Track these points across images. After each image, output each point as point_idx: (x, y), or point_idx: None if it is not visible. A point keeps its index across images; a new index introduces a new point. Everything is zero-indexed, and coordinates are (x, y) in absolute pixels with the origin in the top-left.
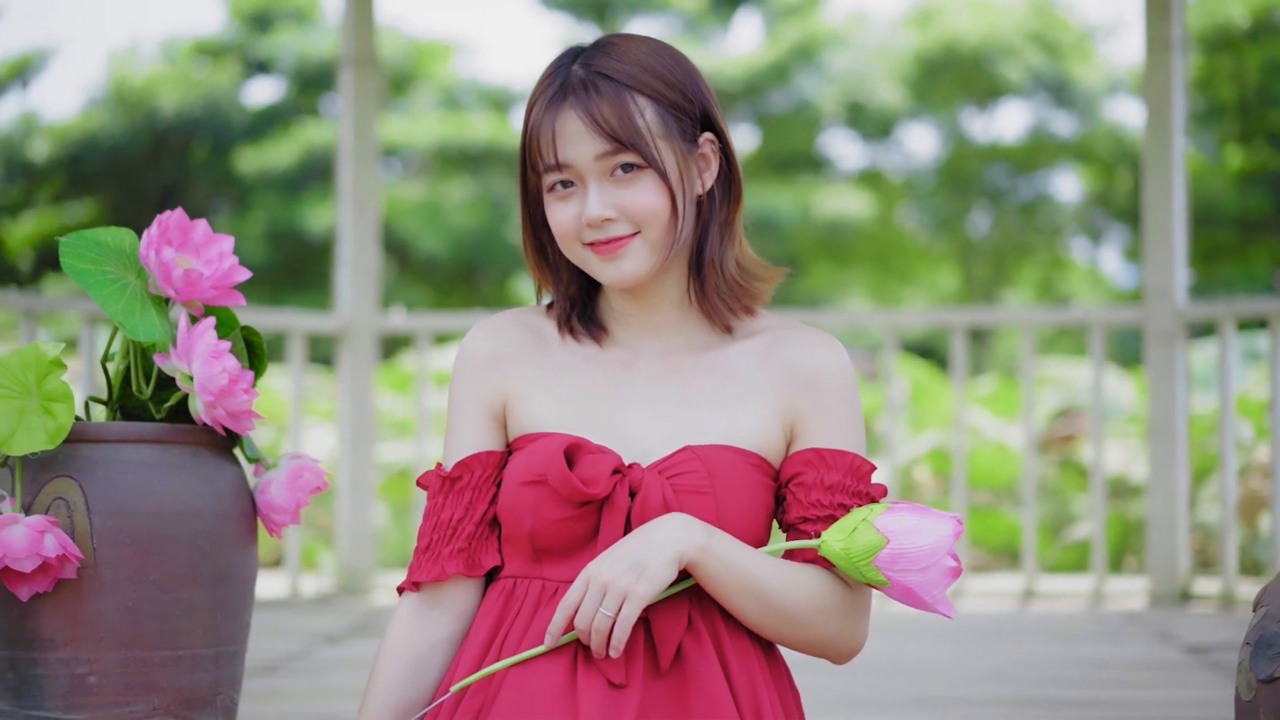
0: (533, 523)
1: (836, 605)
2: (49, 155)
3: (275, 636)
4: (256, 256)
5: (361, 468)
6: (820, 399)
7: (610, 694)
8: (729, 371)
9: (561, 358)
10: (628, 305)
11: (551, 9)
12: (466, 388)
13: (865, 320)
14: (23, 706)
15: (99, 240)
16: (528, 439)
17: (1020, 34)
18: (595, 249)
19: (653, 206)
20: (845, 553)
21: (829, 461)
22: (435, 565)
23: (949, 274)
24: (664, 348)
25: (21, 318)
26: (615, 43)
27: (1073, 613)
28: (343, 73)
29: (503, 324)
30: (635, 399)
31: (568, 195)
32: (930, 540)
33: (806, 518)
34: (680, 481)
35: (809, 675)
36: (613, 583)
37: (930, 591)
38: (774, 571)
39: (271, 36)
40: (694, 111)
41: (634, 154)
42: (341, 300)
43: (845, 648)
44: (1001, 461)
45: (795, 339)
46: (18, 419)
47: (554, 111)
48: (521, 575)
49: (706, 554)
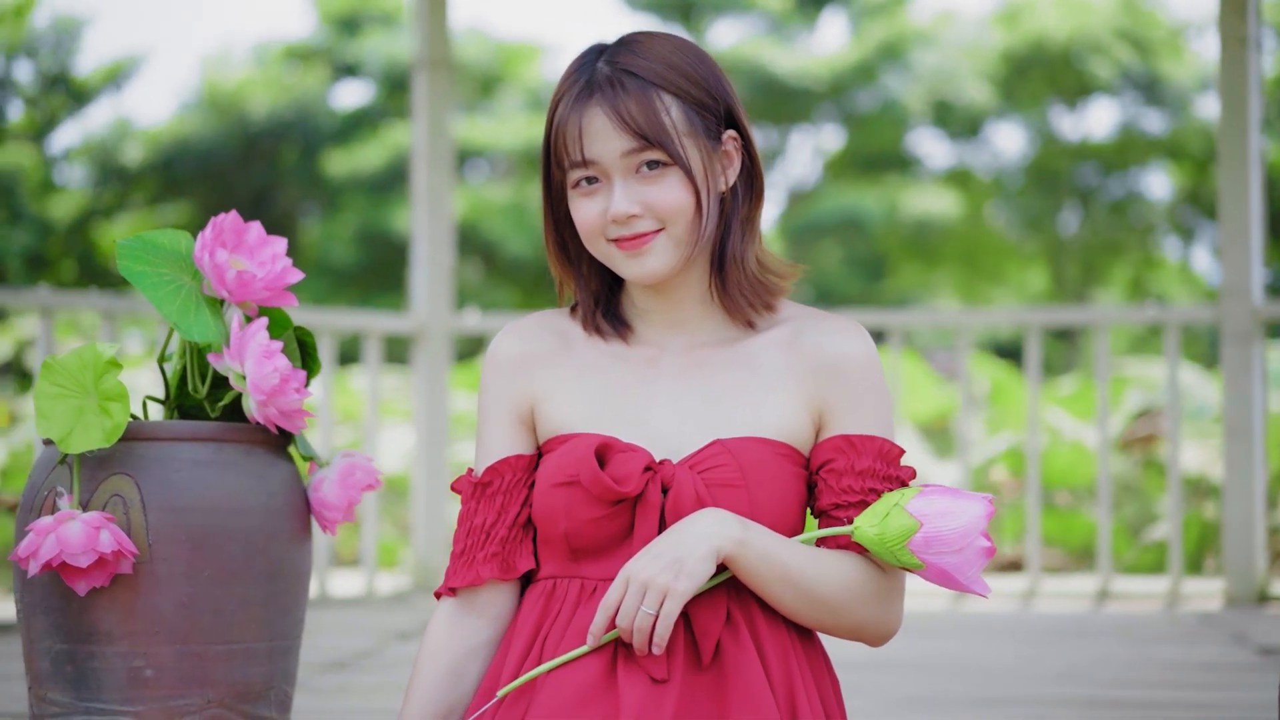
0: (567, 523)
1: (871, 590)
2: (142, 160)
3: (348, 633)
4: (346, 258)
5: (436, 467)
6: (846, 385)
7: (651, 689)
8: (754, 363)
9: (587, 357)
10: (651, 302)
11: (636, 10)
12: (494, 393)
13: (937, 320)
14: (81, 699)
15: (155, 243)
16: (558, 440)
17: (1109, 31)
18: (620, 245)
19: (678, 203)
20: (880, 538)
21: (858, 447)
22: (470, 570)
23: (1038, 274)
24: (688, 343)
25: (102, 319)
26: (640, 40)
27: (1148, 614)
28: (417, 75)
29: (528, 327)
30: (662, 395)
31: (592, 192)
32: (963, 522)
33: (839, 504)
34: (712, 476)
35: (876, 674)
36: (652, 581)
37: (965, 572)
38: (809, 560)
39: (359, 39)
40: (718, 109)
41: (660, 151)
42: (416, 301)
43: (881, 631)
44: (1081, 462)
45: (818, 327)
46: (75, 418)
47: (580, 108)
48: (560, 575)
49: (743, 547)
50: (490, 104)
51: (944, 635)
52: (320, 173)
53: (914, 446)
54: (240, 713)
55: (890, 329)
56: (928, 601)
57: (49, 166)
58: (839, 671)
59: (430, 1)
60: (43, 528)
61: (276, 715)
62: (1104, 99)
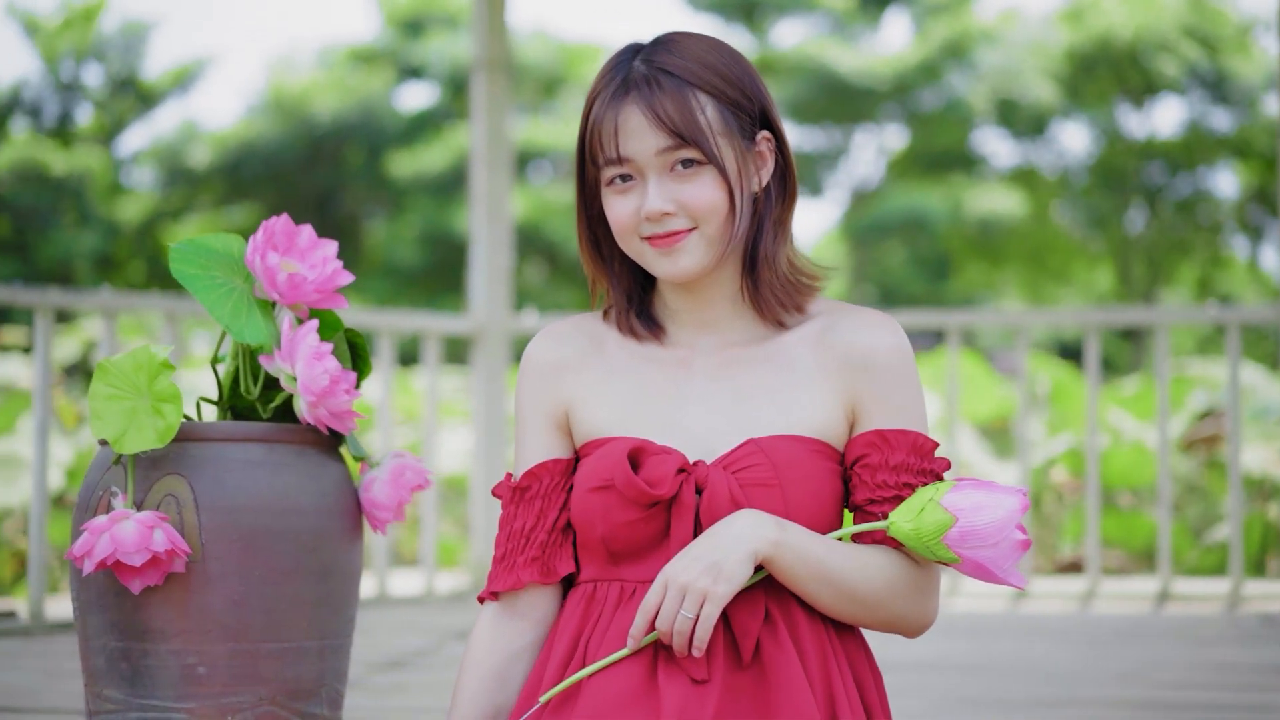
0: (604, 527)
1: (907, 584)
2: (209, 162)
3: (407, 632)
4: (410, 260)
5: (495, 466)
6: (878, 380)
7: (692, 690)
8: (785, 360)
9: (620, 360)
10: (682, 302)
11: (699, 11)
12: (529, 398)
13: (996, 319)
14: (135, 696)
15: (208, 246)
16: (593, 444)
17: (1176, 28)
18: (653, 243)
19: (712, 202)
20: (915, 533)
21: (892, 442)
22: (511, 575)
23: (1104, 273)
24: (720, 342)
25: (165, 320)
26: (676, 40)
27: (1208, 615)
28: (475, 76)
29: (561, 331)
30: (695, 395)
31: (626, 189)
32: (998, 515)
33: (873, 499)
34: (745, 476)
35: (932, 675)
36: (691, 585)
37: (1001, 565)
38: (846, 557)
39: (424, 41)
40: (752, 109)
41: (695, 150)
42: (475, 302)
43: (918, 623)
44: (1142, 462)
45: (848, 321)
46: (129, 419)
47: (616, 105)
48: (600, 579)
49: (780, 548)
50: (553, 105)
51: (1001, 636)
52: (384, 174)
53: (973, 447)
54: (292, 710)
55: (949, 328)
56: (988, 603)
57: (117, 169)
58: (894, 673)
59: (489, 2)
60: (97, 527)
61: (328, 713)
62: (1171, 97)
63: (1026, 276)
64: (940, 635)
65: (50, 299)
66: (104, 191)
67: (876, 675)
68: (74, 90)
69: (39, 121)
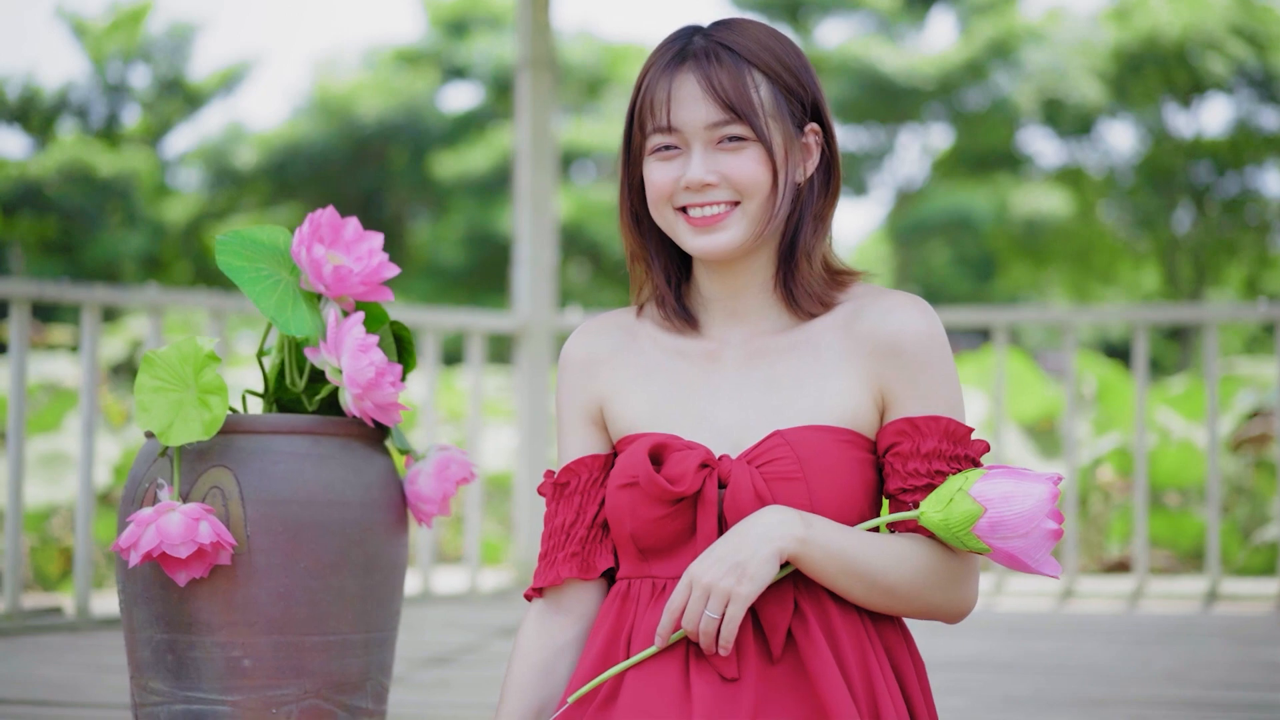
0: (632, 524)
1: (941, 574)
2: (254, 163)
3: (451, 629)
4: (455, 260)
5: (538, 464)
6: (907, 365)
7: (723, 688)
8: (813, 348)
9: (652, 355)
10: (716, 288)
11: (744, 10)
12: (567, 395)
13: (1042, 317)
14: (181, 688)
15: (254, 238)
16: (627, 440)
17: (1224, 26)
18: (691, 220)
19: (755, 177)
20: (944, 523)
21: (923, 429)
22: (551, 571)
23: (1151, 273)
24: (748, 333)
25: (210, 317)
26: (738, 21)
27: (1257, 615)
28: (520, 75)
29: (595, 327)
30: (724, 389)
31: (670, 157)
32: (1028, 505)
33: (905, 488)
34: (769, 470)
35: (979, 673)
36: (715, 585)
37: (1033, 555)
38: (876, 550)
39: (468, 42)
40: (805, 99)
41: (744, 125)
42: (519, 300)
43: (954, 611)
44: (1190, 462)
45: (876, 306)
46: (175, 411)
47: (671, 73)
48: (634, 575)
49: (806, 545)
50: (597, 105)
51: (1048, 635)
52: (429, 175)
53: (1019, 446)
54: (337, 704)
55: (995, 326)
56: (1033, 602)
57: (164, 170)
58: (938, 671)
59: (534, 2)
60: (143, 519)
61: (372, 706)
62: (1218, 95)
63: (1072, 277)
64: (984, 634)
65: (97, 295)
66: (150, 192)
67: (918, 664)
68: (121, 91)
69: (86, 123)
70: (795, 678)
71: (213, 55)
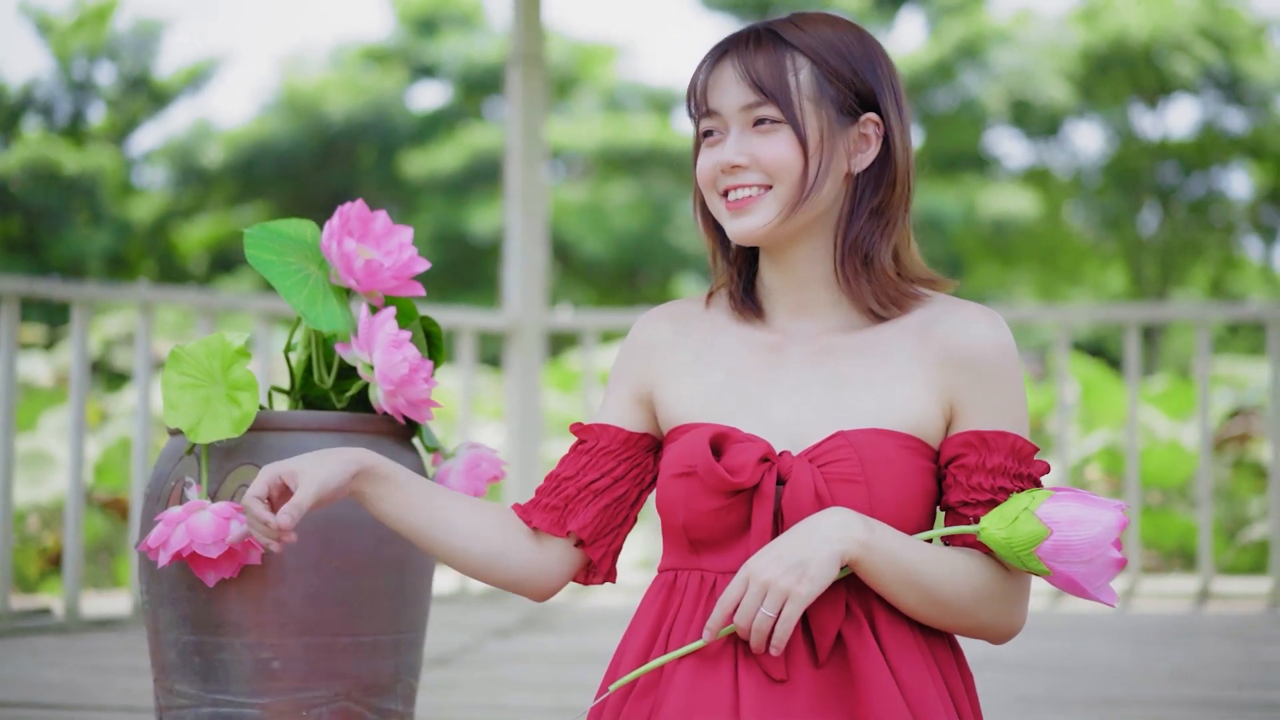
0: (685, 514)
1: (995, 592)
2: (221, 161)
3: (447, 629)
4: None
5: (530, 463)
6: (980, 378)
7: (772, 690)
8: (883, 351)
9: (715, 343)
10: (777, 279)
11: (713, 10)
12: (621, 369)
13: (1035, 317)
14: (208, 690)
15: (281, 232)
16: (680, 430)
17: (1191, 28)
18: (727, 203)
19: (782, 159)
20: (1006, 541)
21: (990, 444)
22: (532, 512)
23: (1117, 274)
24: (816, 329)
25: (198, 315)
26: (804, 14)
27: (1251, 614)
28: (511, 72)
29: (663, 312)
30: (786, 383)
31: (714, 143)
32: (1095, 532)
33: (967, 501)
34: (831, 470)
35: (986, 672)
36: (774, 583)
37: (1093, 583)
38: (935, 562)
39: (437, 41)
40: (859, 87)
41: (773, 107)
42: (510, 298)
43: (1005, 631)
44: (1173, 461)
45: (952, 315)
46: (204, 407)
47: (714, 60)
48: (681, 567)
49: (868, 550)
50: (567, 105)
51: (1047, 634)
52: (398, 174)
53: None
54: (367, 706)
55: None
56: (1030, 600)
57: (129, 168)
58: None
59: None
60: (172, 518)
61: (402, 709)
62: (1185, 97)
63: (1039, 277)
64: None
65: (87, 292)
66: (116, 191)
67: (967, 678)
68: (86, 89)
69: (51, 120)
70: (841, 682)
71: (179, 53)
